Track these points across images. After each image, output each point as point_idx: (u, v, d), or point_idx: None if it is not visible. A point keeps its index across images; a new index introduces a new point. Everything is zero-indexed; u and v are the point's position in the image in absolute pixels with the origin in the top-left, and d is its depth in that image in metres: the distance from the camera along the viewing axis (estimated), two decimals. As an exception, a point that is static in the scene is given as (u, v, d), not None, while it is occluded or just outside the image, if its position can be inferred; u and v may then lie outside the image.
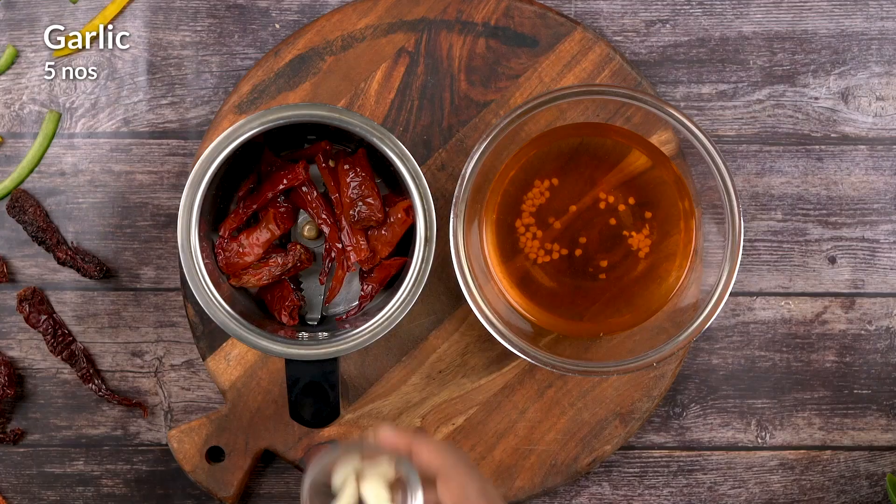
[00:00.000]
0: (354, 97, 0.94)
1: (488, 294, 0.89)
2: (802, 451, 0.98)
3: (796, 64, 0.97)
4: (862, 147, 0.97)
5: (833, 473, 0.98)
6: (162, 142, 0.97)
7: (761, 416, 0.97)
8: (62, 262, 0.96)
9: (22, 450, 0.97)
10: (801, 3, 0.97)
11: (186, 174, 0.96)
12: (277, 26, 0.97)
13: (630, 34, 0.97)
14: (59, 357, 0.96)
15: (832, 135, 0.97)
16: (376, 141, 0.85)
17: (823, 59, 0.97)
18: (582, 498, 0.98)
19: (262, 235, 0.90)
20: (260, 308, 0.92)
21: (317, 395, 0.87)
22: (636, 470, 0.98)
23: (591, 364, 0.88)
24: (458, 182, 0.87)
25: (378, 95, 0.94)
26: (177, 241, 0.86)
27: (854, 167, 0.97)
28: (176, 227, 0.85)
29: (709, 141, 0.87)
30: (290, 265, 0.90)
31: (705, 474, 0.98)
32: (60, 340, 0.96)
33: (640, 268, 0.92)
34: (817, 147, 0.97)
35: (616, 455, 0.98)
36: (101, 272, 0.95)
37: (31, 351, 0.97)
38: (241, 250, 0.90)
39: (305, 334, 0.88)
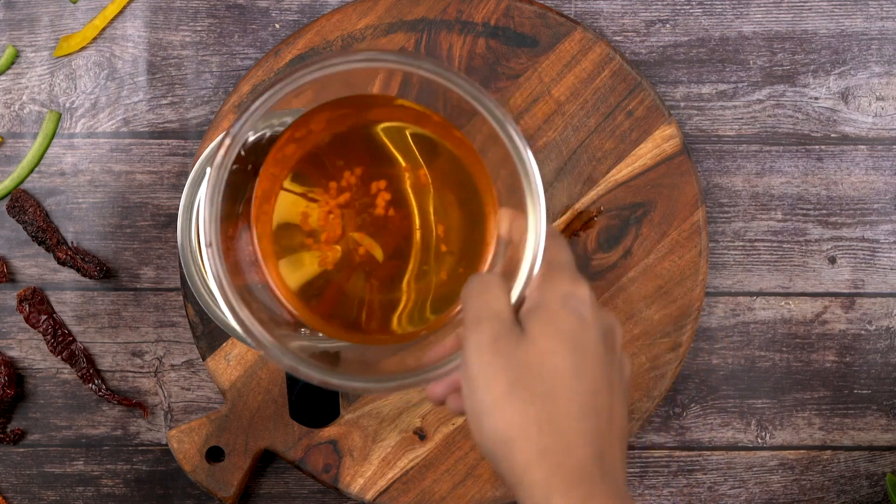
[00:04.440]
0: (354, 97, 0.94)
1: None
2: (802, 451, 0.98)
3: (796, 64, 0.97)
4: (862, 147, 0.97)
5: (833, 473, 0.98)
6: (162, 142, 0.97)
7: (761, 416, 0.97)
8: (62, 262, 0.96)
9: (22, 450, 0.97)
10: (801, 3, 0.97)
11: (186, 174, 0.96)
12: (277, 26, 0.97)
13: (630, 34, 0.97)
14: (59, 357, 0.96)
15: (832, 135, 0.97)
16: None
17: (823, 59, 0.97)
18: (582, 498, 0.98)
19: (262, 235, 0.90)
20: (260, 308, 0.92)
21: (317, 395, 0.87)
22: (636, 470, 0.98)
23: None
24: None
25: (378, 95, 0.94)
26: (177, 241, 0.86)
27: (854, 167, 0.97)
28: (176, 227, 0.85)
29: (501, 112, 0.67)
30: (290, 265, 0.90)
31: (705, 474, 0.98)
32: (60, 340, 0.96)
33: (444, 266, 0.75)
34: (817, 147, 0.97)
35: (616, 455, 0.98)
36: (101, 272, 0.95)
37: (31, 351, 0.97)
38: (241, 250, 0.90)
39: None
